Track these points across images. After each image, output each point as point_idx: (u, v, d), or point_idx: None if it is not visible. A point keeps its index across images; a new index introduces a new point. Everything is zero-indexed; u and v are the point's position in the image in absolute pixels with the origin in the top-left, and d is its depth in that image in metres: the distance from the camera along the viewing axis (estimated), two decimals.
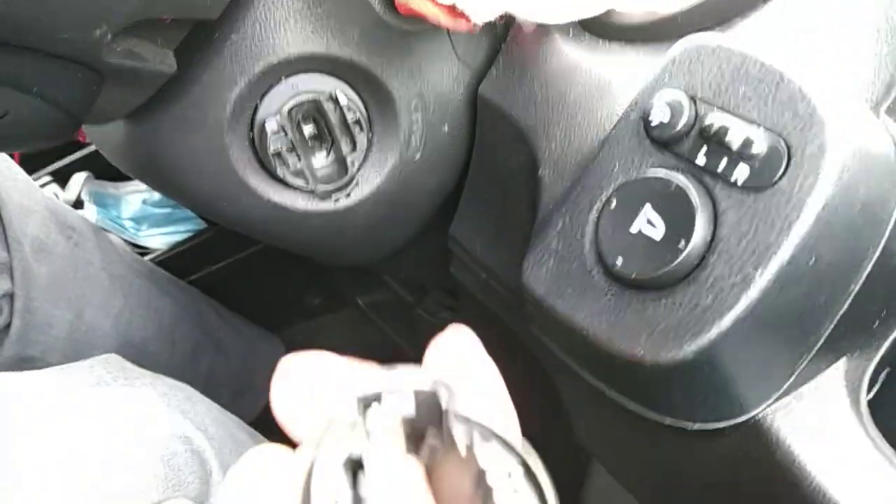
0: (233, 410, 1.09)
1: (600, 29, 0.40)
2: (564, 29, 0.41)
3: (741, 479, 0.31)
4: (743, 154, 0.26)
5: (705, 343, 0.27)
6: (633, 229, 0.29)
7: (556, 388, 0.45)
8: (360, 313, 1.22)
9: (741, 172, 0.27)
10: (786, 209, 0.25)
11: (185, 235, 1.20)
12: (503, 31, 0.42)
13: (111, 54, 0.32)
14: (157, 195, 1.11)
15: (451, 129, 0.43)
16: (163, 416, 0.49)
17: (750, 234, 0.26)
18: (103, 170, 1.07)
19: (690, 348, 0.27)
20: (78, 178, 1.12)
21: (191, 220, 1.20)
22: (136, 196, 1.13)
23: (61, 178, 1.08)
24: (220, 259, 1.21)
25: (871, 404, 0.33)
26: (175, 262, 1.12)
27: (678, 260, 0.27)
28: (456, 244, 0.47)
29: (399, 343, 0.89)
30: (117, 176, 1.08)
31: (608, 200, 0.30)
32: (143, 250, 1.14)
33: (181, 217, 1.20)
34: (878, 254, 0.28)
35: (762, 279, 0.26)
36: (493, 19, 0.36)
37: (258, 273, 1.24)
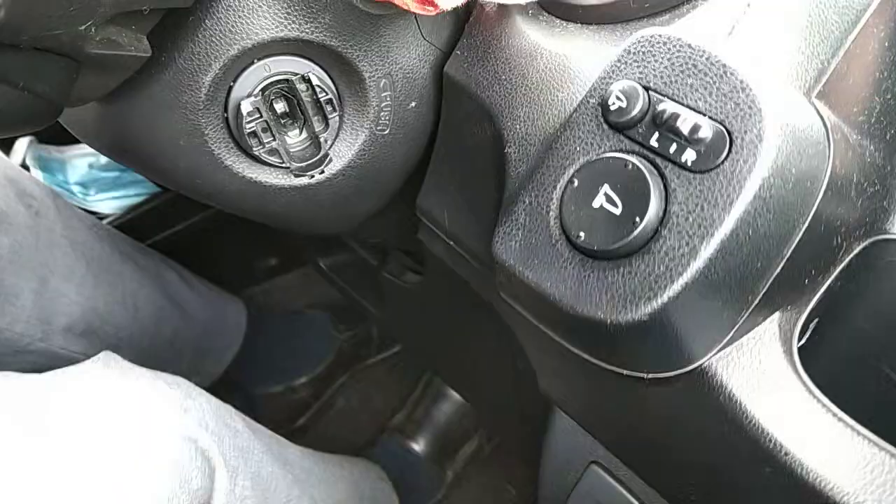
0: (196, 371, 1.10)
1: (557, 9, 0.43)
2: (524, 9, 0.43)
3: (690, 421, 0.36)
4: (690, 139, 0.30)
5: (658, 305, 0.30)
6: (594, 205, 0.32)
7: (520, 343, 0.48)
8: (318, 272, 1.24)
9: (689, 156, 0.30)
10: (728, 189, 0.29)
11: (136, 199, 1.19)
12: (466, 11, 0.44)
13: (91, 45, 0.33)
14: (104, 159, 1.09)
15: (418, 105, 0.45)
16: (166, 417, 0.50)
17: (697, 210, 0.30)
18: (48, 134, 1.05)
19: (646, 310, 0.30)
20: (22, 143, 1.10)
21: (140, 183, 1.19)
22: (82, 160, 1.11)
23: (5, 143, 1.06)
24: (175, 223, 1.20)
25: (802, 351, 0.37)
26: (131, 226, 1.11)
27: (634, 233, 0.31)
28: (424, 213, 0.49)
29: (365, 305, 0.92)
30: (62, 140, 1.06)
31: (571, 179, 0.33)
32: (95, 215, 1.12)
33: (130, 180, 1.18)
34: (807, 223, 0.32)
35: (707, 250, 0.29)
36: (459, 5, 0.38)
37: (213, 236, 1.24)
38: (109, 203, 1.14)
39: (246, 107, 0.40)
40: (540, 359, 0.44)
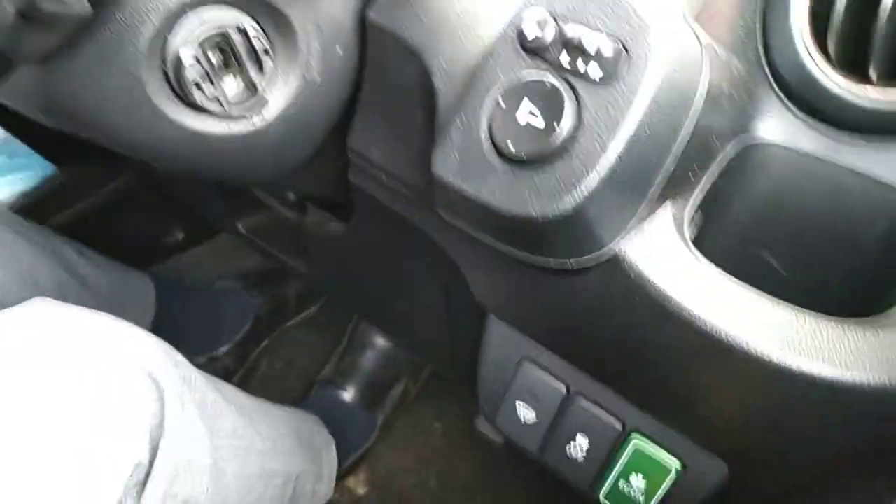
0: None
1: None
2: None
3: (609, 302, 0.42)
4: (595, 56, 0.36)
5: (580, 198, 0.36)
6: (520, 121, 0.38)
7: (454, 267, 0.54)
8: (231, 243, 1.24)
9: (595, 71, 0.36)
10: (628, 96, 0.35)
11: (31, 182, 1.15)
12: None
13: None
14: None
15: (345, 50, 0.48)
16: (121, 344, 0.52)
17: (605, 115, 0.36)
18: None
19: (569, 203, 0.37)
20: None
21: (31, 166, 1.15)
22: None
23: None
24: (74, 203, 1.17)
25: (694, 243, 0.45)
26: (29, 210, 1.08)
27: (555, 139, 0.36)
28: (355, 154, 0.53)
29: (284, 264, 0.94)
30: None
31: (497, 101, 0.39)
32: None
33: (21, 164, 1.14)
34: (691, 125, 0.39)
35: (615, 147, 0.36)
36: None
37: (115, 215, 1.22)
38: (2, 189, 1.10)
39: (187, 57, 0.42)
40: (475, 271, 0.50)
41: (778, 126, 0.48)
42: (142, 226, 1.29)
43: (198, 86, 0.44)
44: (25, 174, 1.14)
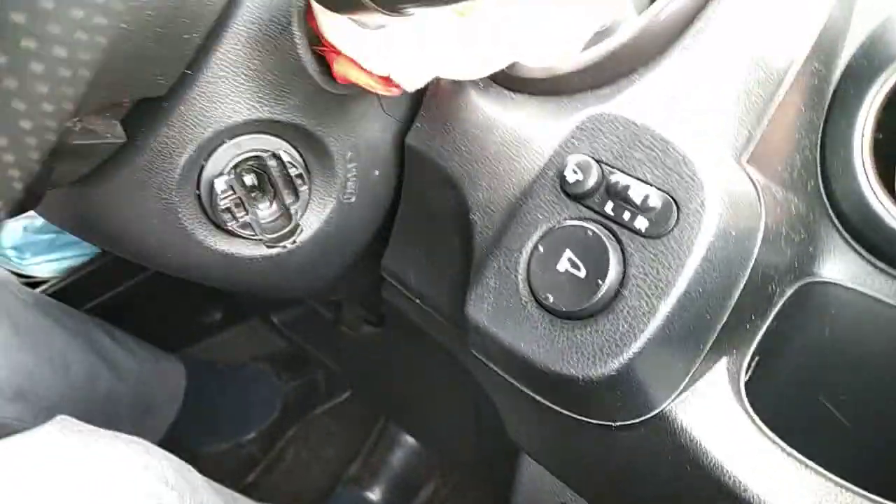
0: (137, 431, 1.08)
1: (507, 81, 0.46)
2: (476, 82, 0.46)
3: (654, 461, 0.39)
4: (642, 208, 0.33)
5: (625, 360, 0.33)
6: (560, 269, 0.35)
7: (485, 394, 0.51)
8: (264, 325, 1.24)
9: (642, 223, 0.33)
10: (679, 253, 0.32)
11: (74, 261, 1.17)
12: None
13: (71, 136, 0.35)
14: (39, 221, 1.07)
15: (382, 173, 0.47)
16: (127, 475, 0.50)
17: (653, 272, 0.33)
18: None
19: (614, 365, 0.33)
20: None
21: (76, 244, 1.17)
22: (16, 223, 1.09)
23: None
24: (115, 284, 1.18)
25: (746, 386, 0.41)
26: (70, 289, 1.09)
27: (598, 295, 0.34)
28: (390, 273, 0.52)
29: (316, 356, 0.92)
30: None
31: (536, 245, 0.36)
32: (30, 280, 1.10)
33: (66, 242, 1.16)
34: (747, 276, 0.36)
35: (665, 307, 0.33)
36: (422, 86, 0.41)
37: (155, 295, 1.22)
38: (46, 266, 1.12)
39: (220, 185, 0.41)
40: (510, 410, 0.47)
41: (839, 265, 0.44)
42: (179, 307, 1.29)
43: (229, 212, 0.43)
44: (72, 252, 1.16)
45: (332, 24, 0.37)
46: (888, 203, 0.42)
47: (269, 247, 0.44)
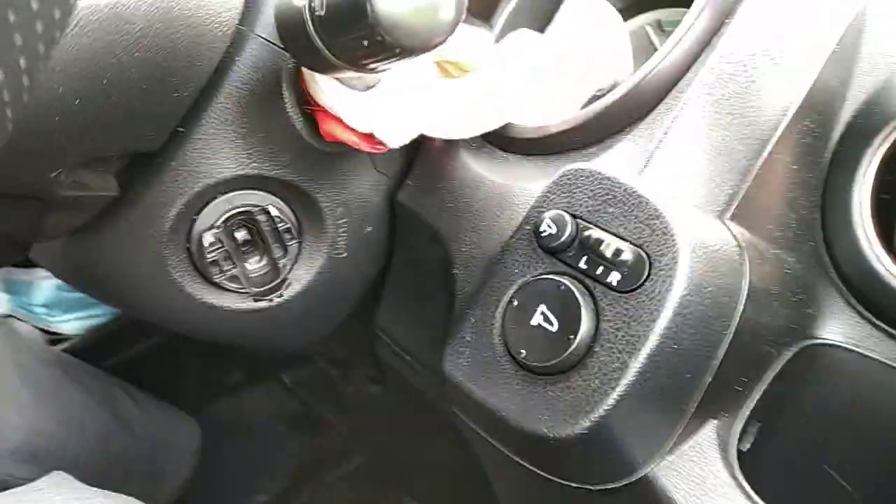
0: (149, 494, 1.07)
1: (498, 140, 0.47)
2: (468, 141, 0.47)
3: None
4: (615, 262, 0.33)
5: (597, 418, 0.32)
6: (533, 324, 0.34)
7: (476, 454, 0.49)
8: (279, 386, 1.23)
9: (614, 277, 0.33)
10: (650, 307, 0.31)
11: (101, 319, 1.19)
12: (414, 143, 0.48)
13: (60, 187, 0.36)
14: None
15: (375, 229, 0.48)
16: None
17: (625, 327, 0.32)
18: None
19: (585, 423, 0.32)
20: None
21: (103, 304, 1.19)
22: (48, 281, 1.12)
23: None
24: (137, 342, 1.20)
25: (747, 456, 0.39)
26: (92, 347, 1.11)
27: (569, 350, 0.33)
28: (382, 330, 0.51)
29: (327, 417, 0.92)
30: (28, 262, 1.07)
31: (511, 299, 0.36)
32: (58, 337, 1.12)
33: (94, 301, 1.18)
34: (731, 335, 0.35)
35: (636, 364, 0.32)
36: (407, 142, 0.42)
37: (177, 354, 1.23)
38: (74, 324, 1.14)
39: (208, 238, 0.42)
40: (493, 468, 0.45)
41: (841, 326, 0.42)
42: (201, 366, 1.30)
43: (217, 265, 0.43)
44: (100, 310, 1.19)
45: (320, 85, 0.38)
46: (889, 262, 0.41)
47: (255, 300, 0.45)
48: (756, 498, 0.36)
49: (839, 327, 0.43)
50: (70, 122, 0.30)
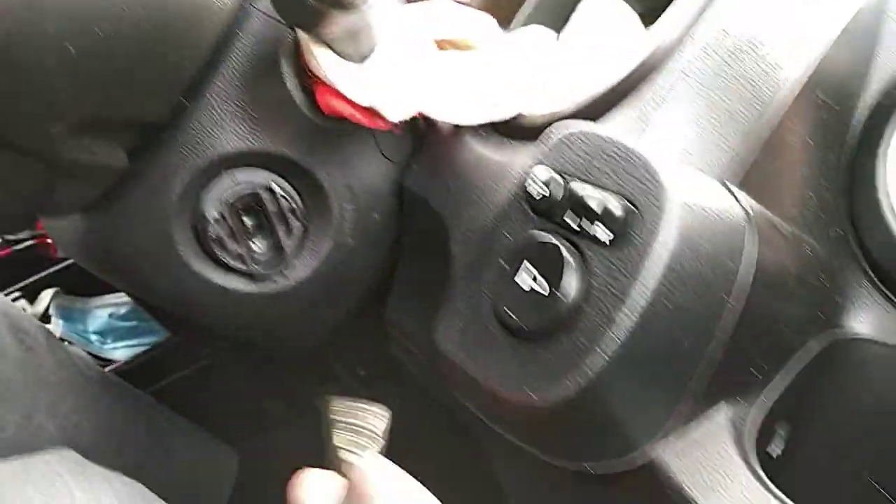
0: None
1: (508, 130, 0.46)
2: (477, 129, 0.46)
3: None
4: (603, 217, 0.31)
5: (585, 381, 0.30)
6: (522, 286, 0.33)
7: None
8: (318, 421, 1.22)
9: (603, 233, 0.31)
10: (640, 261, 0.30)
11: (149, 345, 1.21)
12: (416, 129, 0.47)
13: (66, 149, 0.37)
14: (123, 309, 1.13)
15: (382, 216, 0.47)
16: None
17: (614, 283, 0.30)
18: (72, 286, 1.10)
19: (572, 387, 0.30)
20: (47, 294, 1.15)
21: (155, 332, 1.21)
22: (103, 311, 1.16)
23: (30, 293, 1.11)
24: (178, 369, 1.21)
25: (778, 461, 0.36)
26: (136, 371, 1.13)
27: (557, 309, 0.31)
28: (393, 324, 0.50)
29: None
30: (86, 291, 1.11)
31: (502, 265, 0.34)
32: (105, 363, 1.14)
33: (145, 330, 1.21)
34: (738, 307, 0.32)
35: (627, 321, 0.29)
36: (408, 118, 0.41)
37: (217, 383, 1.24)
38: (124, 351, 1.17)
39: (211, 213, 0.42)
40: (498, 459, 0.43)
41: (872, 318, 0.39)
42: (240, 396, 1.30)
43: (221, 242, 0.43)
44: (151, 339, 1.21)
45: (316, 56, 0.38)
46: None
47: (258, 279, 0.45)
48: (772, 487, 0.33)
49: (871, 319, 0.40)
50: (61, 67, 0.31)
